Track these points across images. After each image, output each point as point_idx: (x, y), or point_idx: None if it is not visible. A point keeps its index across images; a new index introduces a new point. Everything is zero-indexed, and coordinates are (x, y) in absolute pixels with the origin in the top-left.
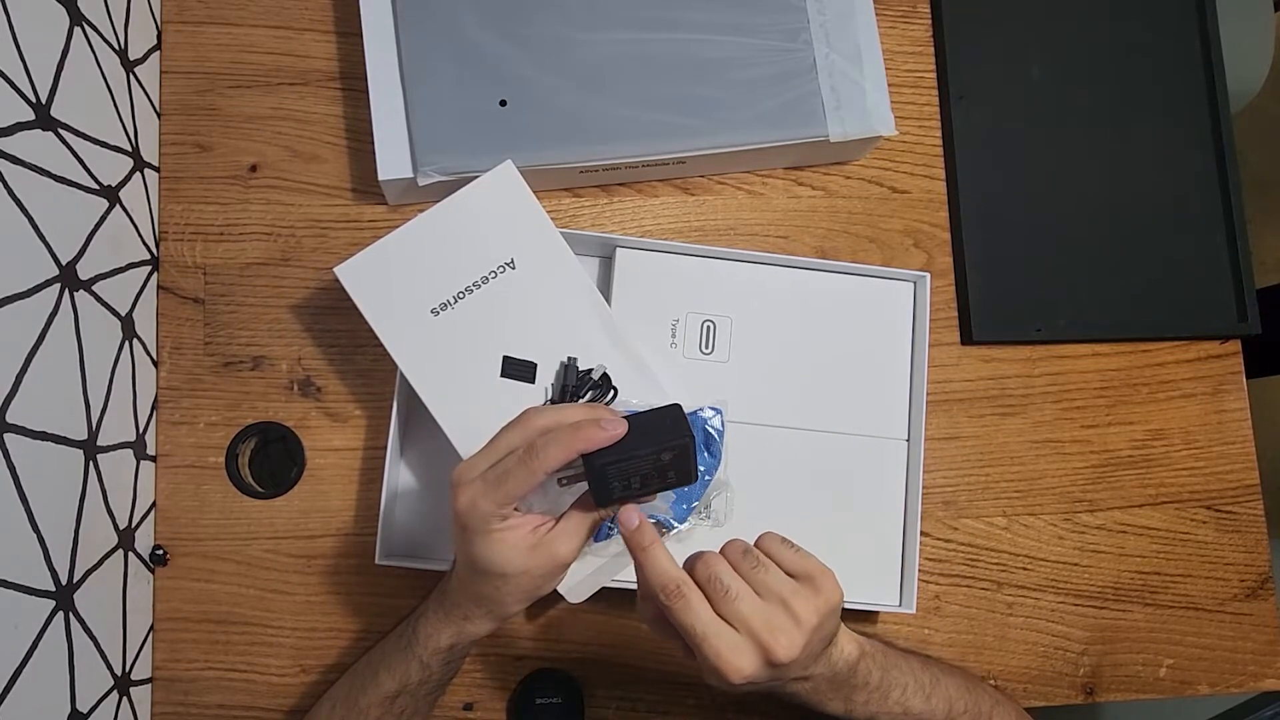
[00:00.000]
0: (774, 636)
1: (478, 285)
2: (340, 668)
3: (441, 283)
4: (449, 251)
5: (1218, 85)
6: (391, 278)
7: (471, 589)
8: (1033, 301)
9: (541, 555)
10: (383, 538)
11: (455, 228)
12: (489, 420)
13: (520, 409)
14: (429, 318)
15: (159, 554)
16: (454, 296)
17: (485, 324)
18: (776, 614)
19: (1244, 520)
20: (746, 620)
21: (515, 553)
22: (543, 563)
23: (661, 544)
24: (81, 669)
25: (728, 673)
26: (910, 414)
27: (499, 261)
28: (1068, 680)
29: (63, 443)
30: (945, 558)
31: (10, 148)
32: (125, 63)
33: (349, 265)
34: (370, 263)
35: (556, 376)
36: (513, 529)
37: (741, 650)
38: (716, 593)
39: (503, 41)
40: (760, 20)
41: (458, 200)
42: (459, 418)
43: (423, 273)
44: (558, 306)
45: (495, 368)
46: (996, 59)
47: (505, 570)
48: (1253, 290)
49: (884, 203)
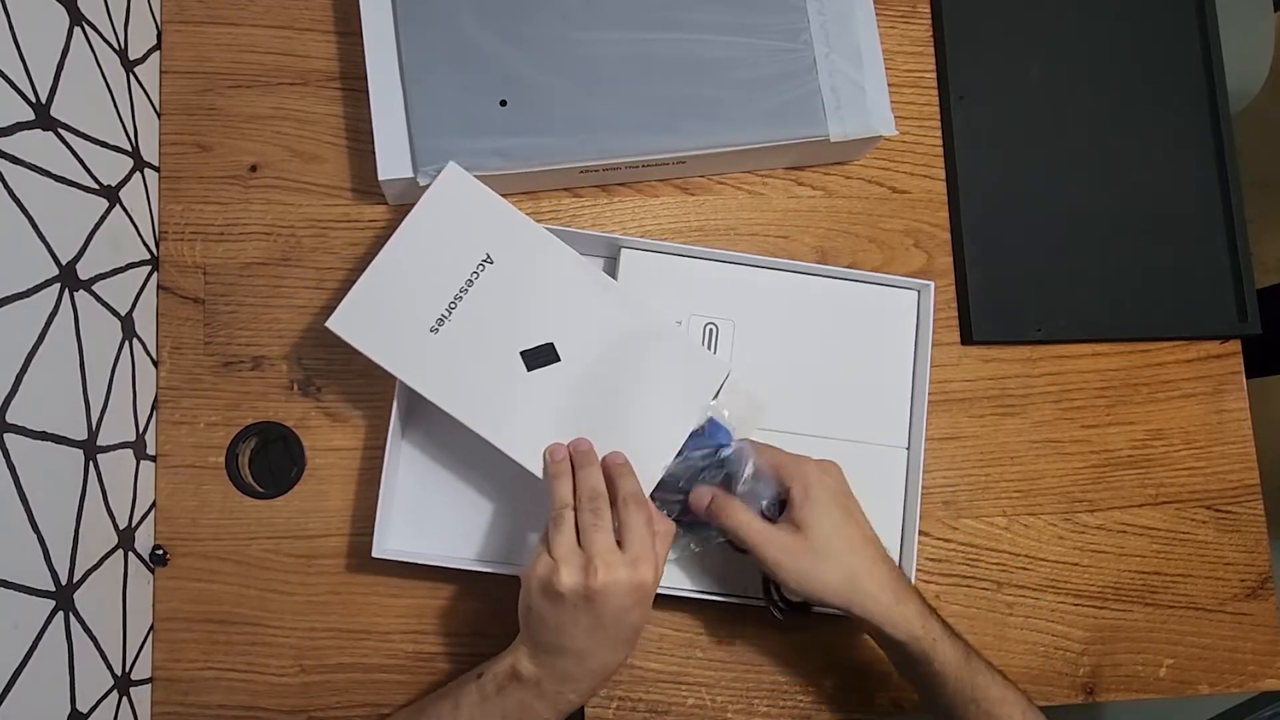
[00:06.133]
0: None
1: (464, 290)
2: (341, 667)
3: (429, 300)
4: (426, 268)
5: (1218, 85)
6: (381, 313)
7: (599, 667)
8: (1033, 301)
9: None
10: (379, 532)
11: (423, 244)
12: (542, 423)
13: (560, 394)
14: (430, 337)
15: (159, 554)
16: (446, 309)
17: (487, 324)
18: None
19: (1244, 520)
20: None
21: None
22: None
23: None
24: (81, 669)
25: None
26: (911, 422)
27: (476, 260)
28: (1068, 680)
29: (63, 443)
30: (945, 558)
31: (10, 148)
32: (125, 63)
33: (338, 316)
34: (356, 306)
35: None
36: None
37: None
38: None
39: (503, 41)
40: (760, 20)
41: (416, 217)
42: (509, 429)
43: (408, 297)
44: (547, 282)
45: (517, 365)
46: (996, 59)
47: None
48: (1253, 290)
49: (884, 203)
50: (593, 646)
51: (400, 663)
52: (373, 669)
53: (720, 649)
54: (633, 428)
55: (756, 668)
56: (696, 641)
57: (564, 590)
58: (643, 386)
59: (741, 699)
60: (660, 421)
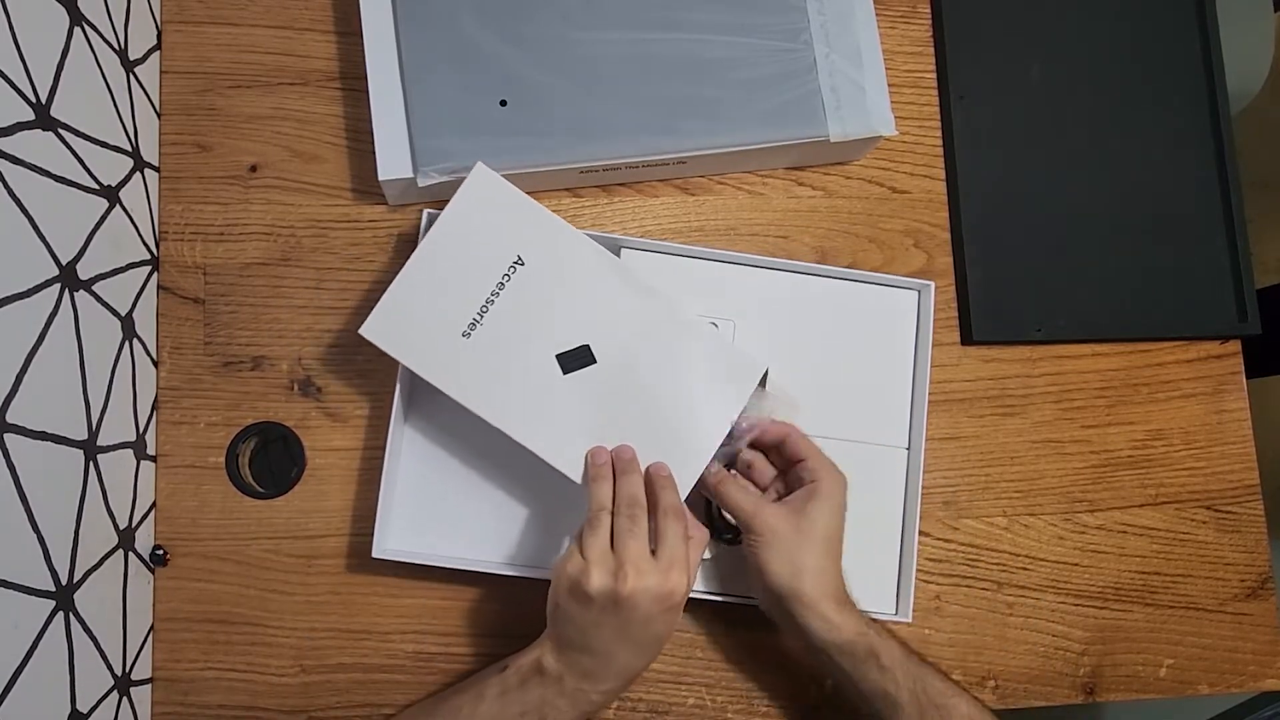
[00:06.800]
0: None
1: (496, 293)
2: (341, 667)
3: (462, 304)
4: (457, 272)
5: (1218, 85)
6: (413, 318)
7: (622, 669)
8: (1033, 301)
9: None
10: (379, 532)
11: (454, 248)
12: (579, 426)
13: (596, 397)
14: (463, 342)
15: (159, 554)
16: (479, 313)
17: (520, 327)
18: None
19: (1244, 520)
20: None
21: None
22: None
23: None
24: (81, 669)
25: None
26: (911, 422)
27: (507, 262)
28: (1068, 680)
29: (63, 443)
30: (945, 558)
31: (10, 148)
32: (125, 63)
33: (371, 323)
34: (389, 313)
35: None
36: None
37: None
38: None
39: (503, 41)
40: (760, 20)
41: (446, 221)
42: (546, 434)
43: (440, 302)
44: (580, 282)
45: (553, 368)
46: (996, 59)
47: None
48: (1253, 290)
49: (884, 203)
50: (617, 650)
51: (400, 663)
52: (373, 669)
53: (720, 649)
54: (670, 429)
55: (756, 668)
56: (696, 641)
57: (592, 592)
58: (679, 387)
59: (741, 699)
60: (698, 422)
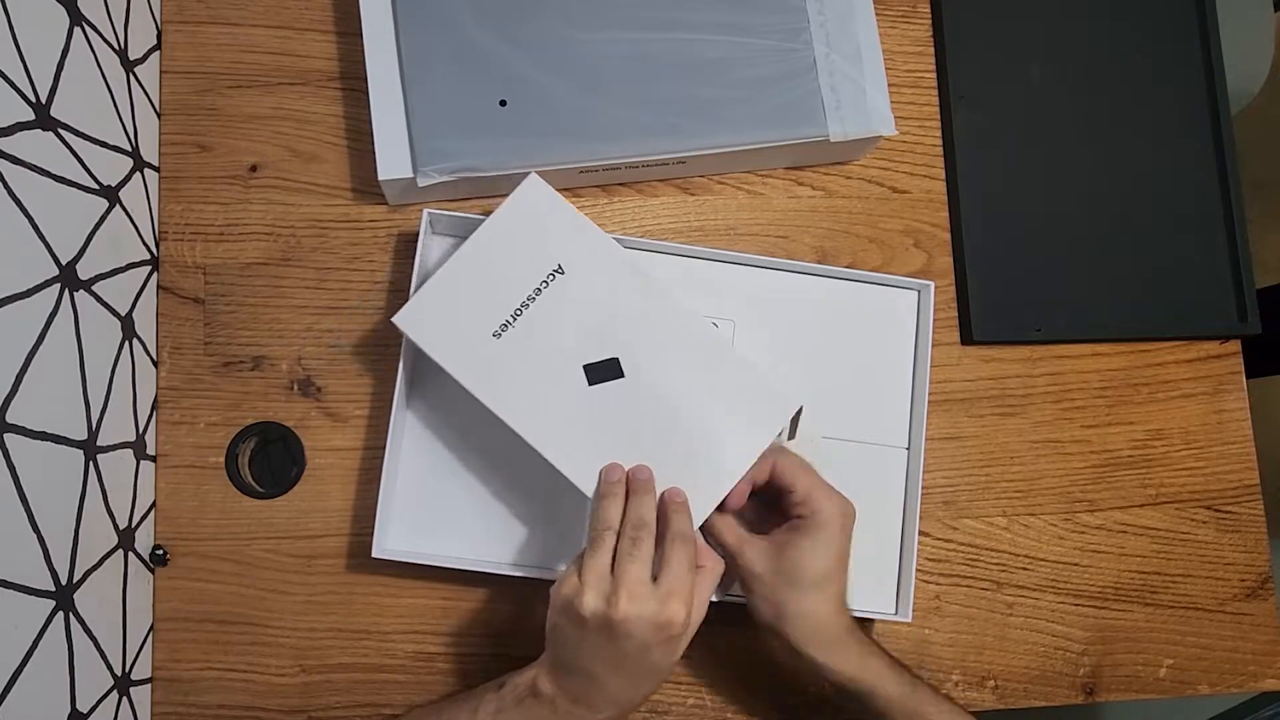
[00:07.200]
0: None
1: (532, 299)
2: (341, 667)
3: (495, 305)
4: (495, 274)
5: (1218, 85)
6: (446, 314)
7: (616, 696)
8: (1033, 301)
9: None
10: (379, 532)
11: (496, 250)
12: (597, 439)
13: (620, 412)
14: (492, 342)
15: (159, 554)
16: (511, 315)
17: (551, 334)
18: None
19: (1244, 520)
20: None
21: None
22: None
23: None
24: (81, 669)
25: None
26: (911, 422)
27: (547, 270)
28: (1068, 680)
29: (63, 443)
30: (945, 558)
31: (10, 148)
32: (125, 63)
33: (405, 313)
34: (423, 305)
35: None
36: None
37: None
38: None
39: (503, 41)
40: (760, 20)
41: (492, 224)
42: (562, 443)
43: (475, 301)
44: (617, 298)
45: (578, 378)
46: (996, 59)
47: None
48: (1253, 290)
49: (884, 203)
50: (610, 677)
51: (400, 663)
52: (373, 669)
53: (720, 649)
54: (691, 454)
55: (757, 668)
56: (696, 642)
57: (585, 614)
58: (706, 415)
59: (741, 699)
60: (720, 453)
